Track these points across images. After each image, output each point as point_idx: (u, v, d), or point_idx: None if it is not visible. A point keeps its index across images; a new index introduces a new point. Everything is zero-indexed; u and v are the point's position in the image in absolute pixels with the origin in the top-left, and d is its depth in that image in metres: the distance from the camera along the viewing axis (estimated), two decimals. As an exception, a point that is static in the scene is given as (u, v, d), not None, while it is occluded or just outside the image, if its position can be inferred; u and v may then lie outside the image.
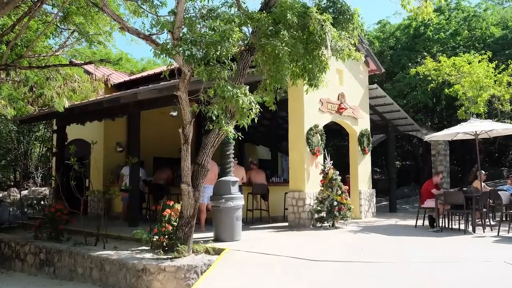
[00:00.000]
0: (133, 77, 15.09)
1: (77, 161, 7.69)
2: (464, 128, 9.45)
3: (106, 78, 11.61)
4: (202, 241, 7.09)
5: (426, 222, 9.41)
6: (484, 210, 8.93)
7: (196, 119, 7.04)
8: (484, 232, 8.46)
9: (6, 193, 17.06)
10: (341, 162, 15.22)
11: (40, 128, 20.48)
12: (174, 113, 10.42)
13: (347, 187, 9.90)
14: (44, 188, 18.09)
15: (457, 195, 8.68)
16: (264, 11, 6.42)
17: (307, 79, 6.78)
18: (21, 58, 8.90)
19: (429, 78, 13.89)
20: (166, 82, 8.42)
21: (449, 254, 6.48)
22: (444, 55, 14.80)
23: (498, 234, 8.02)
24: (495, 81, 12.60)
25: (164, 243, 6.63)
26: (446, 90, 13.53)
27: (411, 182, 20.57)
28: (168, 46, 5.75)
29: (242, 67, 6.66)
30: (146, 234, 6.90)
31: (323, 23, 6.13)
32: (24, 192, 17.22)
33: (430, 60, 14.08)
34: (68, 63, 11.07)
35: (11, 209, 11.54)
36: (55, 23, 9.12)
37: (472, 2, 19.81)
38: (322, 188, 9.37)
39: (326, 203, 9.16)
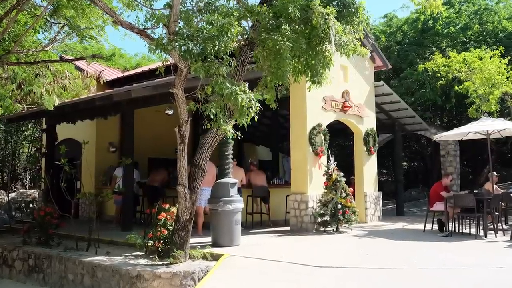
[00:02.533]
0: (127, 73, 15.11)
1: (67, 162, 7.69)
2: (475, 127, 9.45)
3: (98, 75, 11.62)
4: (199, 246, 7.09)
5: (435, 226, 9.41)
6: (496, 213, 8.92)
7: (193, 118, 7.04)
8: (496, 236, 8.46)
9: (-7, 195, 17.08)
10: (346, 163, 15.21)
11: (29, 127, 20.49)
12: (170, 112, 10.44)
13: (351, 189, 9.90)
14: (33, 191, 18.09)
15: (468, 198, 8.68)
16: (264, 4, 6.42)
17: (309, 75, 6.78)
18: (8, 54, 8.89)
19: (438, 74, 13.90)
20: (161, 79, 8.42)
21: (459, 260, 6.47)
22: (454, 50, 14.81)
23: (511, 239, 8.02)
24: (507, 77, 12.60)
25: (159, 248, 6.63)
26: (456, 87, 13.53)
27: (419, 184, 20.58)
28: (163, 41, 5.75)
29: (242, 63, 6.66)
30: (140, 238, 6.89)
31: (326, 17, 6.13)
32: (12, 195, 17.22)
33: (439, 56, 14.08)
34: (58, 58, 11.07)
35: (-2, 213, 11.55)
36: (45, 16, 9.12)
37: (483, -6, 19.75)
38: (326, 191, 9.37)
39: (329, 206, 9.17)
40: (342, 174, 9.46)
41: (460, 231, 9.07)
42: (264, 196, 10.47)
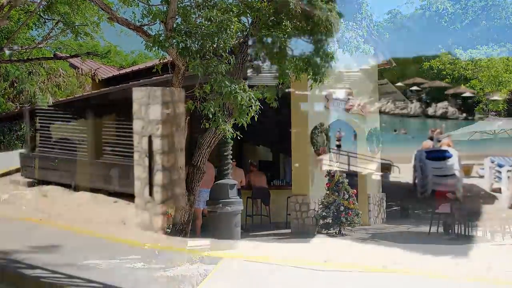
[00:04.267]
0: (123, 71, 15.09)
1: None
2: (482, 126, 9.44)
3: (94, 73, 11.64)
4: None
5: (441, 229, 9.40)
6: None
7: (191, 117, 7.04)
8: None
9: (-15, 197, 17.04)
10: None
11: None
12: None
13: (354, 190, 9.88)
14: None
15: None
16: (264, 0, 6.42)
17: (311, 73, 6.77)
18: (1, 51, 8.89)
19: (444, 72, 13.90)
20: (158, 77, 8.41)
21: (465, 263, 6.47)
22: (460, 47, 14.81)
23: (518, 242, 8.03)
24: (515, 75, 12.61)
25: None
26: (462, 85, 13.53)
27: (425, 185, 20.55)
28: (160, 38, 5.75)
29: (241, 60, 6.65)
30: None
31: (328, 13, 6.13)
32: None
33: (445, 53, 14.08)
34: (52, 56, 11.07)
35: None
36: (38, 12, 9.13)
37: (490, -10, 19.77)
38: (328, 192, 9.35)
39: (332, 208, 9.15)
40: (344, 175, 9.45)
41: (467, 233, 9.06)
42: (265, 198, 10.45)
